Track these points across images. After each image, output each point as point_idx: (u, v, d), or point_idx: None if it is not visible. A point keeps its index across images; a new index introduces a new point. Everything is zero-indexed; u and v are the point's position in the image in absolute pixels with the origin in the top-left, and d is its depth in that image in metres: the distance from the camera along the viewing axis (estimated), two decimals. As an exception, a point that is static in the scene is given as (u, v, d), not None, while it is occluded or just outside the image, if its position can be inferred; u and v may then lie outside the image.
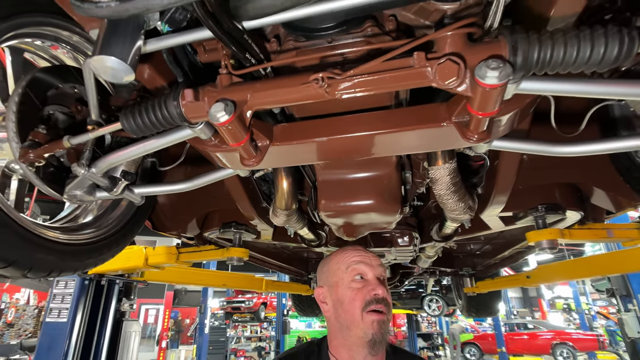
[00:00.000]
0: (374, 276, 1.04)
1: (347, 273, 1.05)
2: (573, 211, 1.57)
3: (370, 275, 1.04)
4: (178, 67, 0.97)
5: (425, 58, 0.72)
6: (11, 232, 0.98)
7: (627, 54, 0.66)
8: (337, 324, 1.03)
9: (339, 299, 1.04)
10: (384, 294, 1.00)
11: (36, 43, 1.20)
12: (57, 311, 2.57)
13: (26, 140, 1.01)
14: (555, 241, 1.55)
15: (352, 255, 1.08)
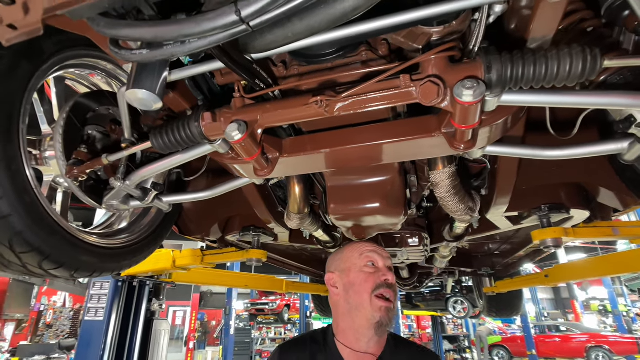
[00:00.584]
0: (384, 265, 1.15)
1: (360, 259, 1.17)
2: (580, 210, 1.61)
3: (381, 264, 1.15)
4: (198, 90, 1.11)
5: (410, 79, 0.81)
6: (61, 238, 1.14)
7: (591, 69, 0.74)
8: (347, 306, 1.12)
9: (351, 282, 1.14)
10: (394, 280, 1.12)
11: (76, 72, 1.36)
12: (94, 310, 2.79)
13: (71, 159, 1.17)
14: (560, 239, 1.59)
15: (366, 245, 1.21)
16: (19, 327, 10.86)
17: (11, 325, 10.54)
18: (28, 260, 1.06)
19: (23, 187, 1.02)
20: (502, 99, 0.85)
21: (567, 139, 1.06)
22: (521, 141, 1.24)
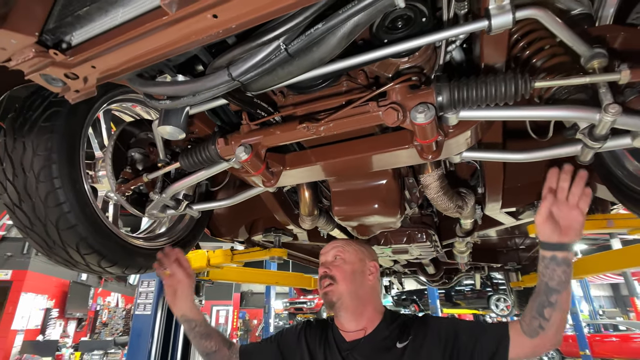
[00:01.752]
0: (326, 260, 1.36)
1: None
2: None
3: (323, 260, 1.38)
4: (217, 117, 1.35)
5: (377, 105, 1.00)
6: (114, 242, 1.42)
7: (524, 90, 0.89)
8: None
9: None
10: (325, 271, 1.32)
11: (122, 105, 1.66)
12: (143, 305, 3.16)
13: (119, 177, 1.46)
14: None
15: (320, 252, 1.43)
16: (79, 325, 11.83)
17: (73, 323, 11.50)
18: (90, 260, 1.35)
19: (85, 202, 1.31)
20: (461, 115, 1.01)
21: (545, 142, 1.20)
22: (501, 146, 1.37)
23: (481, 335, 1.15)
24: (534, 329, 1.08)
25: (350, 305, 1.27)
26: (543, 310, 1.07)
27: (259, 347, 1.45)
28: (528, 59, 1.06)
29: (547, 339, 1.08)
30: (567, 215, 1.02)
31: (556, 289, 1.05)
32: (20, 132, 1.24)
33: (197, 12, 0.66)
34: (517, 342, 1.11)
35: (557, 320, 1.06)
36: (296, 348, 1.33)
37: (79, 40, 0.78)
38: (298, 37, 0.77)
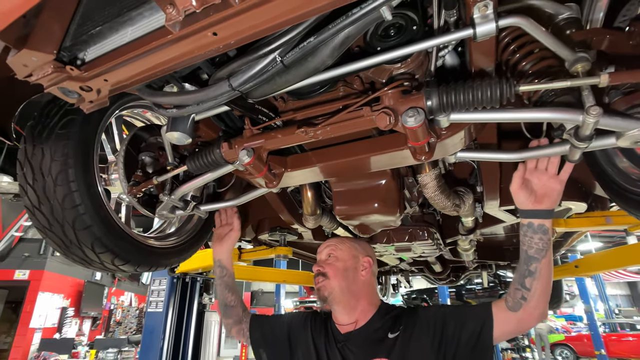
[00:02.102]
0: (320, 259, 1.44)
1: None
2: (574, 202, 1.72)
3: (317, 259, 1.45)
4: (221, 122, 1.41)
5: (370, 110, 1.05)
6: (126, 241, 1.50)
7: (508, 94, 0.93)
8: None
9: None
10: (318, 269, 1.39)
11: (133, 111, 1.74)
12: (155, 303, 3.27)
13: (130, 180, 1.53)
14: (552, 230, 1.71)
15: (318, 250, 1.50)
16: (94, 323, 12.10)
17: (88, 322, 11.77)
18: (104, 258, 1.43)
19: (99, 204, 1.39)
20: (451, 117, 1.06)
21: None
22: (496, 146, 1.41)
23: (466, 319, 1.19)
24: (517, 301, 1.11)
25: (341, 299, 1.33)
26: (524, 280, 1.10)
27: (270, 321, 1.54)
28: (517, 62, 1.10)
29: (530, 309, 1.10)
30: (545, 183, 1.08)
31: (535, 257, 1.08)
32: (39, 138, 1.32)
33: (198, 31, 0.72)
34: (501, 319, 1.15)
35: (538, 289, 1.08)
36: (302, 334, 1.41)
37: (93, 57, 0.85)
38: (292, 50, 0.83)
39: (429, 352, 1.18)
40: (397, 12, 1.06)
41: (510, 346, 17.32)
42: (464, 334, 1.17)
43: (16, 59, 0.81)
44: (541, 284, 1.08)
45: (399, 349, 1.20)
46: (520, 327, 1.15)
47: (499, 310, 1.16)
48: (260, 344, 1.47)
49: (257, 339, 1.49)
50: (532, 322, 1.13)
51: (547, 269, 1.09)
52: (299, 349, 1.38)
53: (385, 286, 6.18)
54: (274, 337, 1.46)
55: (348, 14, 0.76)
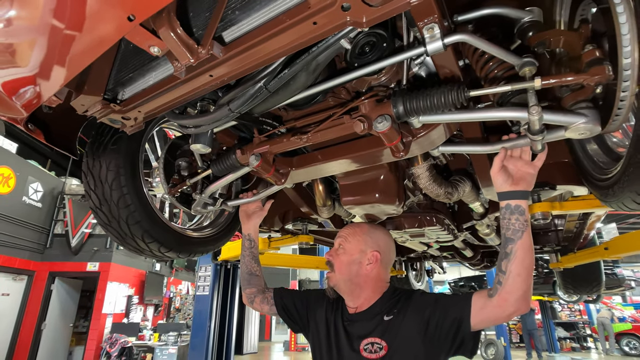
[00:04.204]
0: (332, 247, 1.51)
1: None
2: (575, 186, 1.79)
3: (333, 246, 1.52)
4: (238, 130, 1.68)
5: (350, 118, 1.25)
6: (169, 233, 1.83)
7: (461, 99, 1.09)
8: None
9: None
10: (328, 257, 1.47)
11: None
12: (202, 287, 3.69)
13: (169, 182, 1.85)
14: (547, 213, 1.80)
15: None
16: (156, 310, 13.25)
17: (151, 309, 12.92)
18: (152, 247, 1.77)
19: (145, 203, 1.72)
20: (421, 119, 1.23)
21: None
22: (481, 140, 1.53)
23: (449, 308, 1.23)
24: (495, 287, 1.13)
25: (345, 289, 1.42)
26: (501, 263, 1.12)
27: (292, 295, 1.65)
28: (483, 67, 1.24)
29: (505, 294, 1.09)
30: (521, 168, 1.17)
31: (511, 238, 1.11)
32: (97, 153, 1.67)
33: (199, 74, 0.97)
34: (478, 305, 1.16)
35: (512, 271, 1.08)
36: (318, 308, 1.53)
37: (129, 95, 1.13)
38: (274, 79, 1.05)
39: (416, 336, 1.23)
40: (370, 31, 1.24)
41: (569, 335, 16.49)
42: (447, 322, 1.21)
43: (76, 101, 1.11)
44: (516, 266, 1.09)
45: (391, 330, 1.28)
46: (498, 314, 1.14)
47: (479, 297, 1.18)
48: (285, 312, 1.63)
49: (282, 308, 1.63)
50: (508, 308, 1.11)
51: (523, 252, 1.10)
52: (313, 321, 1.52)
53: (420, 272, 6.28)
54: (297, 309, 1.60)
55: (310, 52, 0.97)
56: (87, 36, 0.82)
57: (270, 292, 1.69)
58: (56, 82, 0.96)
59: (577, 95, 1.04)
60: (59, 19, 0.81)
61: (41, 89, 0.99)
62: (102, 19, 0.77)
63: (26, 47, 0.87)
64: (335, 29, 0.83)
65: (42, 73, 0.93)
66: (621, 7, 0.84)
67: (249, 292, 1.75)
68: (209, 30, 0.85)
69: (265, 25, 0.84)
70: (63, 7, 0.78)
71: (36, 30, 0.84)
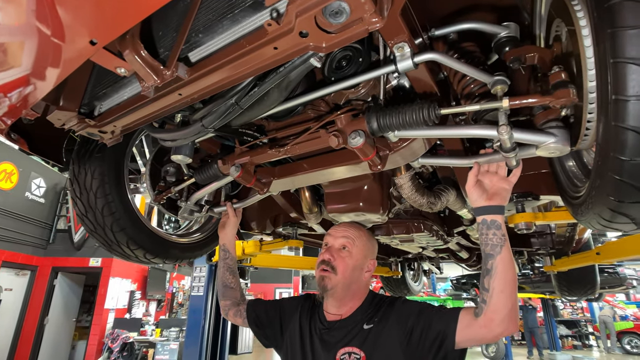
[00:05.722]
0: (333, 245, 1.41)
1: (323, 241, 1.48)
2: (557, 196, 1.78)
3: (330, 244, 1.42)
4: (221, 138, 1.68)
5: (326, 132, 1.25)
6: (155, 239, 1.85)
7: (433, 115, 1.08)
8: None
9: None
10: (329, 258, 1.36)
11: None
12: (197, 287, 3.73)
13: (155, 190, 1.87)
14: (530, 223, 1.79)
15: (330, 229, 1.48)
16: (158, 305, 13.36)
17: (154, 304, 13.04)
18: (138, 253, 1.79)
19: (130, 210, 1.74)
20: (397, 134, 1.23)
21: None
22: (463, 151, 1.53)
23: (433, 321, 1.19)
24: (480, 306, 1.09)
25: (340, 295, 1.35)
26: (484, 280, 1.09)
27: (265, 305, 1.60)
28: (458, 83, 1.23)
29: (490, 314, 1.06)
30: (496, 184, 1.16)
31: (490, 253, 1.09)
32: (82, 160, 1.68)
33: (167, 93, 0.98)
34: (465, 323, 1.12)
35: (495, 288, 1.05)
36: (292, 316, 1.47)
37: (104, 110, 1.15)
38: (245, 96, 1.06)
39: (397, 346, 1.20)
40: (346, 45, 1.24)
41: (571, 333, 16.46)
42: (430, 335, 1.17)
43: (52, 116, 1.12)
44: (498, 282, 1.06)
45: (371, 340, 1.24)
46: (484, 334, 1.09)
47: (466, 315, 1.14)
48: (257, 325, 1.57)
49: (253, 320, 1.58)
50: (495, 328, 1.06)
51: (504, 266, 1.07)
52: (287, 331, 1.45)
53: (417, 272, 6.29)
54: (269, 319, 1.54)
55: (277, 72, 0.97)
56: (54, 58, 0.84)
57: (244, 305, 1.66)
58: (30, 98, 0.98)
59: (547, 114, 1.04)
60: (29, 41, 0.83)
61: (15, 104, 1.00)
62: (66, 43, 0.79)
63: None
64: (298, 53, 0.84)
65: (12, 89, 0.94)
66: (586, 30, 0.84)
67: (223, 304, 1.73)
68: (174, 52, 0.86)
69: (228, 49, 0.85)
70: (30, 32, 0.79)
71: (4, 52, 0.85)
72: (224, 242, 1.81)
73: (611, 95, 0.73)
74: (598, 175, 0.85)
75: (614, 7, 0.72)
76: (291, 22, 0.74)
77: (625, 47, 0.70)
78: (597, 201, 0.89)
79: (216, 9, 0.83)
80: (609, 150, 0.78)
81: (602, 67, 0.76)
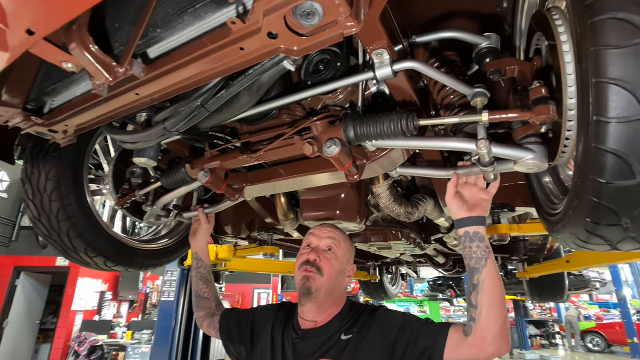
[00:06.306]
0: (317, 246, 1.32)
1: (303, 242, 1.39)
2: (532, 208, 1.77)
3: (314, 245, 1.33)
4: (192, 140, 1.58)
5: (301, 139, 1.18)
6: (116, 246, 1.72)
7: (411, 126, 1.03)
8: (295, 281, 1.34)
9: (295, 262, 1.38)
10: (315, 259, 1.28)
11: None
12: (168, 293, 3.57)
13: (119, 192, 1.75)
14: (505, 235, 1.79)
15: (313, 229, 1.40)
16: (131, 306, 12.94)
17: (126, 305, 12.61)
18: (97, 261, 1.67)
19: (89, 215, 1.61)
20: (374, 143, 1.17)
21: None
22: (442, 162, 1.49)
23: (420, 335, 1.13)
24: (468, 324, 1.04)
25: (322, 300, 1.27)
26: (471, 297, 1.05)
27: (237, 316, 1.51)
28: (439, 92, 1.19)
29: (481, 332, 1.01)
30: (476, 195, 1.12)
31: (475, 267, 1.05)
32: (37, 160, 1.55)
33: (124, 92, 0.89)
34: (454, 342, 1.07)
35: (484, 305, 1.01)
36: (264, 326, 1.39)
37: (54, 107, 1.04)
38: (212, 99, 0.98)
39: (378, 359, 1.14)
40: (325, 48, 1.18)
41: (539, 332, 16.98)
42: (416, 351, 1.11)
43: (-7, 113, 1.00)
44: (486, 298, 1.01)
45: (349, 351, 1.17)
46: (476, 355, 1.03)
47: (455, 332, 1.08)
48: (228, 338, 1.48)
49: (225, 332, 1.49)
50: (487, 348, 1.01)
51: (491, 281, 1.03)
52: (259, 342, 1.37)
53: (395, 276, 6.31)
54: (240, 330, 1.46)
55: (246, 74, 0.90)
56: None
57: (218, 316, 1.56)
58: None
59: (526, 130, 1.00)
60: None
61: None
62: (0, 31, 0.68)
63: None
64: (267, 56, 0.77)
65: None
66: (567, 45, 0.80)
67: (197, 315, 1.64)
68: (128, 48, 0.77)
69: (189, 47, 0.77)
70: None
71: None
72: (196, 251, 1.70)
73: (592, 116, 0.70)
74: (576, 196, 0.82)
75: (598, 24, 0.68)
76: (258, 21, 0.67)
77: (609, 67, 0.67)
78: (574, 221, 0.86)
79: (176, 3, 0.75)
80: (588, 172, 0.75)
81: (584, 86, 0.73)
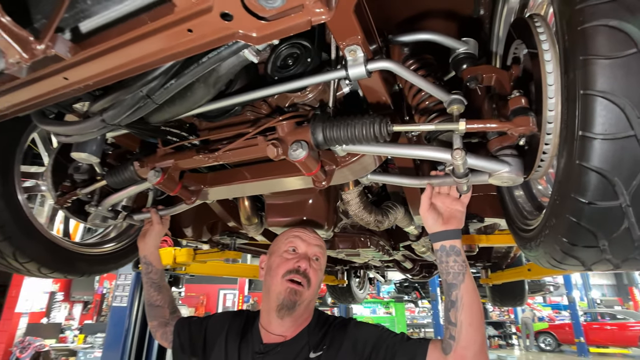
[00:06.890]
0: (306, 252, 1.22)
1: (284, 244, 1.26)
2: (501, 219, 1.76)
3: (302, 250, 1.23)
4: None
5: (264, 140, 1.07)
6: (52, 250, 1.53)
7: (384, 132, 0.95)
8: (265, 288, 1.23)
9: (270, 265, 1.24)
10: (306, 268, 1.18)
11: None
12: (120, 298, 3.32)
13: (58, 190, 1.56)
14: (473, 245, 1.77)
15: (294, 230, 1.28)
16: (85, 307, 12.22)
17: (79, 306, 11.88)
18: (29, 267, 1.47)
19: (18, 215, 1.41)
20: (344, 148, 1.08)
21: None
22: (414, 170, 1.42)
23: (397, 351, 1.07)
24: (447, 342, 1.00)
25: (299, 313, 1.18)
26: (449, 314, 1.01)
27: (191, 325, 1.40)
28: (415, 96, 1.12)
29: (461, 350, 0.96)
30: (449, 206, 1.08)
31: (453, 283, 1.01)
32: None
33: (48, 76, 0.74)
34: (434, 358, 1.02)
35: (464, 322, 0.97)
36: (218, 336, 1.28)
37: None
38: (160, 89, 0.85)
39: None
40: (294, 41, 1.07)
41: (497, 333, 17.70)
42: None
43: None
44: (465, 315, 0.97)
45: None
46: None
47: (434, 350, 1.03)
48: (179, 351, 1.35)
49: (176, 346, 1.37)
50: None
51: (469, 297, 0.99)
52: (213, 353, 1.24)
53: (363, 280, 6.30)
54: (192, 342, 1.34)
55: (199, 62, 0.78)
56: None
57: (171, 326, 1.43)
58: None
59: (503, 141, 0.95)
60: None
61: None
62: None
63: None
64: (222, 41, 0.65)
65: None
66: (549, 54, 0.75)
67: (150, 325, 1.51)
68: (51, 21, 0.63)
69: (126, 24, 0.64)
70: None
71: None
72: (145, 254, 1.55)
73: (578, 131, 0.65)
74: (554, 214, 0.77)
75: (588, 31, 0.62)
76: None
77: (598, 79, 0.61)
78: (549, 241, 0.81)
79: (110, -31, 0.62)
80: (569, 191, 0.70)
81: (570, 98, 0.68)
